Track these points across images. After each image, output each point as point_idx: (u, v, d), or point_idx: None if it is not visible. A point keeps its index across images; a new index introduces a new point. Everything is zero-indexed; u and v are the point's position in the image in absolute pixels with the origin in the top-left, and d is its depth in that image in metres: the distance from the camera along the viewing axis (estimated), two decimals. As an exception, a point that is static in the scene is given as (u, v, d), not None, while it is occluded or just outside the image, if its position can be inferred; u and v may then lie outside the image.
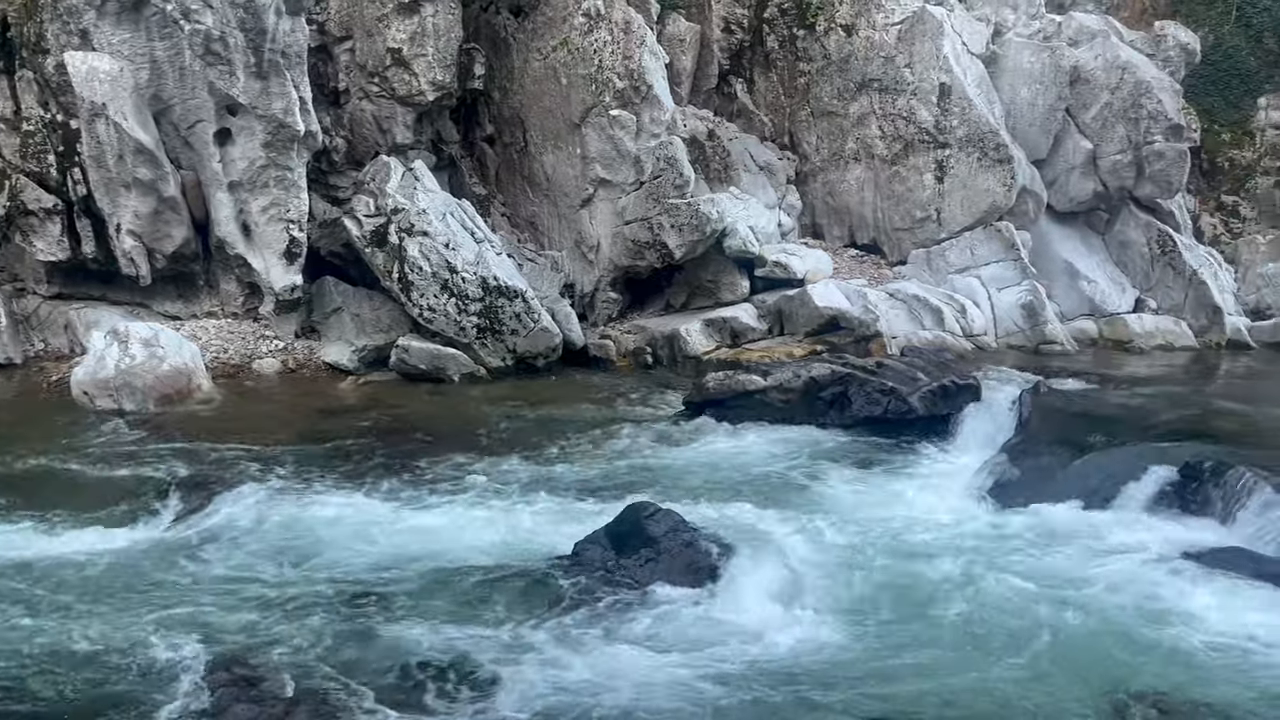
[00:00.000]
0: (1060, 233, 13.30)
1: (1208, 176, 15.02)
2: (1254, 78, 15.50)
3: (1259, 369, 11.71)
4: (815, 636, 5.21)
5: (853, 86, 13.33)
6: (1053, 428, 8.47)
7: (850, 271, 13.06)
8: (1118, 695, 4.69)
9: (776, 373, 9.80)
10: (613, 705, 4.55)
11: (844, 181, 13.56)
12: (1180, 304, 12.89)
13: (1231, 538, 6.52)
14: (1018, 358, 11.60)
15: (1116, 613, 5.51)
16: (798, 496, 7.41)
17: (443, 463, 7.98)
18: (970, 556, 6.29)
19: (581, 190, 12.50)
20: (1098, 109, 12.78)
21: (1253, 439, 8.21)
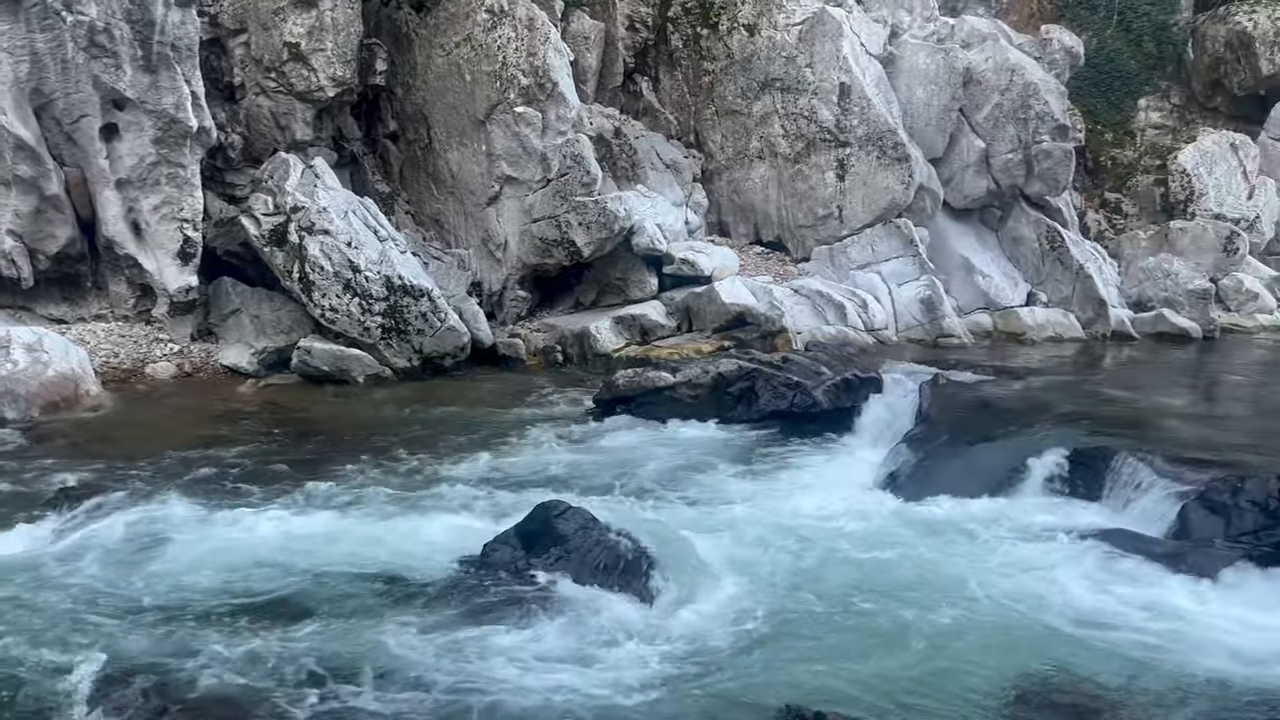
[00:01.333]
0: (956, 229, 13.73)
1: (1092, 175, 15.70)
2: (1134, 80, 16.27)
3: (1141, 359, 12.28)
4: (723, 629, 5.27)
5: (756, 86, 13.52)
6: (950, 418, 8.74)
7: (756, 268, 13.25)
8: (1013, 675, 4.87)
9: (685, 369, 9.91)
10: (518, 706, 4.53)
11: (749, 180, 13.74)
12: (1069, 297, 13.43)
13: (1118, 520, 6.82)
14: (917, 351, 11.93)
15: (1010, 596, 5.72)
16: (706, 491, 7.49)
17: (347, 466, 7.82)
18: (872, 545, 6.45)
19: (488, 188, 12.40)
20: (989, 109, 13.24)
21: (1137, 425, 8.61)
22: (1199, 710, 4.63)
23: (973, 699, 4.67)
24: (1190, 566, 5.95)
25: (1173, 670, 4.97)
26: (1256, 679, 4.89)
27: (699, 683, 4.76)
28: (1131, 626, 5.41)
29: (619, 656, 4.96)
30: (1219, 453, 7.48)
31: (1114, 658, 5.09)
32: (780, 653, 5.05)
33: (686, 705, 4.58)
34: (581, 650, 5.02)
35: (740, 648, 5.09)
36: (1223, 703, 4.70)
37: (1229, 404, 10.24)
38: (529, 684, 4.69)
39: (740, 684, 4.74)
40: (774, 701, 4.47)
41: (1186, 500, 6.54)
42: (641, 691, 4.67)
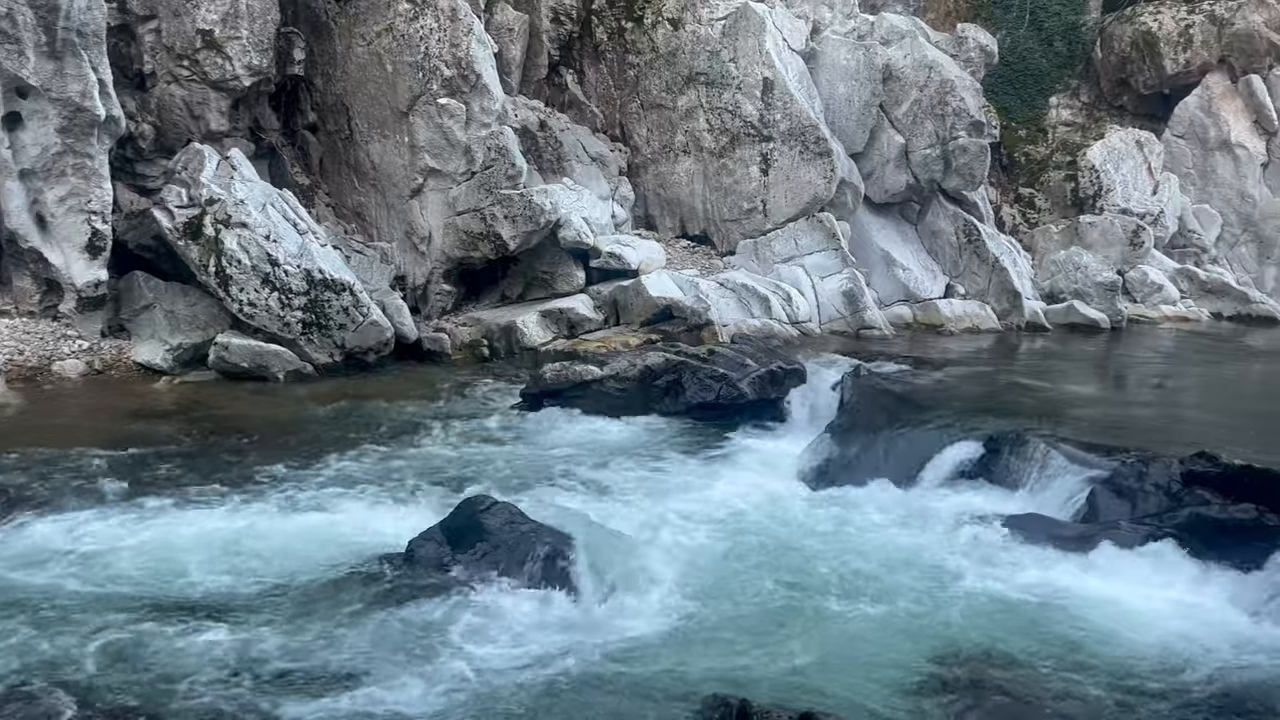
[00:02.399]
0: (877, 223, 13.99)
1: (1007, 170, 16.14)
2: (1046, 78, 16.77)
3: (1053, 349, 12.69)
4: (648, 620, 5.32)
5: (680, 80, 13.58)
6: (872, 408, 8.92)
7: (682, 262, 13.32)
8: (929, 656, 5.00)
9: (613, 362, 9.93)
10: (445, 701, 4.50)
11: (674, 173, 13.80)
12: (985, 289, 13.80)
13: (1030, 504, 7.06)
14: (840, 343, 12.14)
15: (927, 579, 5.88)
16: (634, 484, 7.52)
17: (268, 464, 7.66)
18: (795, 534, 6.57)
19: (411, 180, 12.24)
20: (908, 105, 13.51)
21: (1049, 413, 8.91)
22: (1104, 685, 4.82)
23: (891, 680, 4.79)
24: (1099, 548, 6.18)
25: (1082, 647, 5.17)
26: (1160, 654, 5.11)
27: (624, 673, 4.79)
28: (1042, 607, 5.60)
29: (544, 649, 4.96)
30: (1125, 438, 7.79)
31: (1025, 637, 5.27)
32: (704, 642, 5.11)
33: (611, 696, 4.60)
34: (506, 644, 5.01)
35: (664, 638, 5.14)
36: (1124, 677, 4.90)
37: (1135, 392, 10.65)
38: (453, 679, 4.67)
39: (665, 674, 4.79)
40: (698, 690, 4.52)
41: (1095, 485, 6.81)
42: (567, 683, 4.68)
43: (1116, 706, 4.66)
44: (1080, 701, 4.69)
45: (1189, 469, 6.48)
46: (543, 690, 4.62)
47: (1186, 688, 4.82)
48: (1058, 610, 5.59)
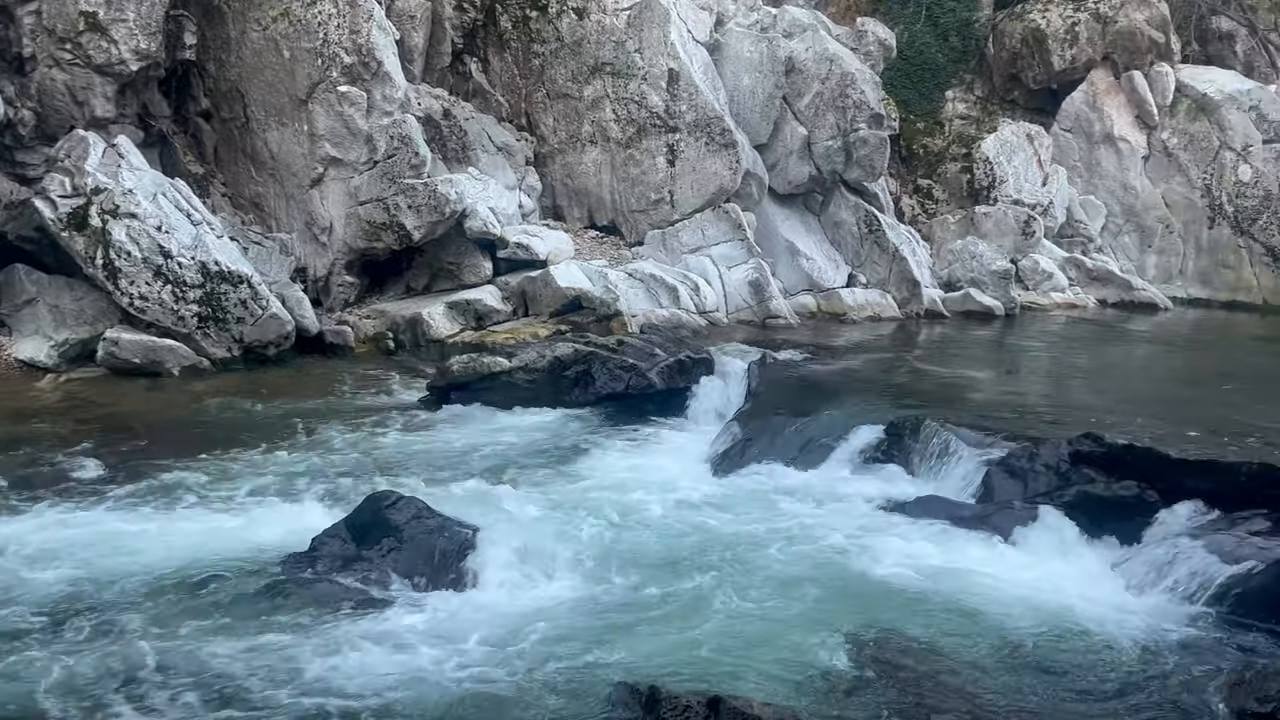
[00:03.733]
0: (782, 214, 14.19)
1: (906, 162, 16.55)
2: (942, 73, 17.23)
3: (951, 336, 13.09)
4: (556, 611, 5.32)
5: (586, 70, 13.54)
6: (778, 396, 9.09)
7: (591, 252, 13.31)
8: (835, 636, 5.12)
9: (521, 354, 9.87)
10: (351, 701, 4.43)
11: (581, 164, 13.76)
12: (885, 278, 14.13)
13: (930, 486, 7.29)
14: (747, 332, 12.30)
15: (833, 561, 6.02)
16: (543, 475, 7.51)
17: (162, 464, 7.39)
18: (703, 520, 6.66)
19: (311, 169, 11.93)
20: (810, 98, 13.73)
21: (947, 398, 9.20)
22: (1001, 656, 5.01)
23: (798, 662, 4.89)
24: (993, 527, 6.42)
25: (980, 621, 5.36)
26: (1052, 624, 5.34)
27: (532, 665, 4.78)
28: (942, 585, 5.79)
29: (451, 644, 4.92)
30: (1019, 421, 8.10)
31: (927, 615, 5.44)
32: (613, 631, 5.13)
33: (520, 688, 4.59)
34: (413, 639, 4.96)
35: (573, 628, 5.15)
36: (1019, 648, 5.10)
37: (1028, 376, 11.06)
38: (358, 675, 4.60)
39: (574, 664, 4.80)
40: (607, 679, 4.55)
41: (990, 466, 7.06)
42: (474, 677, 4.65)
43: (1012, 676, 4.86)
44: (980, 672, 4.86)
45: (1076, 449, 6.77)
46: (449, 685, 4.58)
47: (1075, 655, 5.05)
48: (957, 587, 5.78)
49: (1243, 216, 15.81)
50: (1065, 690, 4.73)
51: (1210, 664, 4.96)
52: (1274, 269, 15.69)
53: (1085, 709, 4.57)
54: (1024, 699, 4.64)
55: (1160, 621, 5.38)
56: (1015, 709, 4.53)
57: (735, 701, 3.94)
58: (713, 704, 3.97)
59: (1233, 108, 16.01)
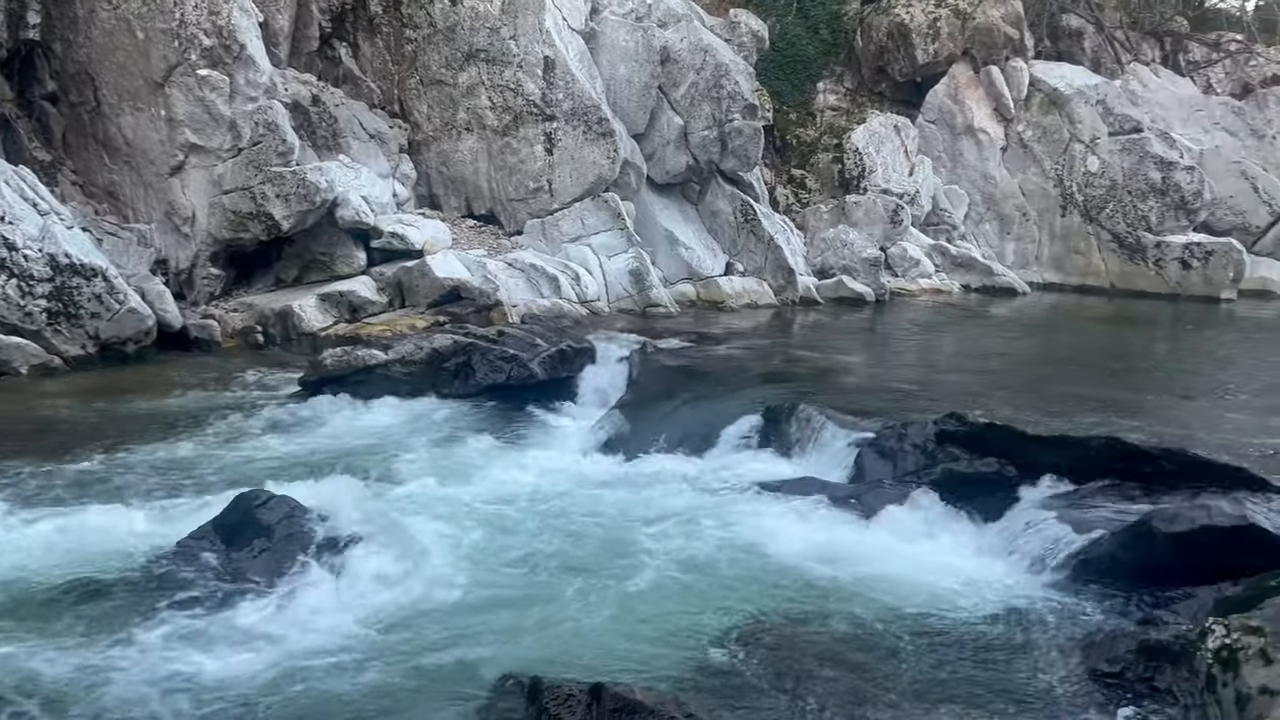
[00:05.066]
0: (660, 203, 14.31)
1: (780, 152, 16.90)
2: (813, 64, 17.65)
3: (825, 321, 13.44)
4: (437, 605, 5.24)
5: (460, 56, 13.33)
6: (659, 383, 9.17)
7: (469, 242, 13.13)
8: (716, 621, 5.21)
9: (398, 346, 9.69)
10: (217, 705, 4.27)
11: (458, 151, 13.56)
12: (762, 266, 14.42)
13: (805, 468, 7.47)
14: (628, 321, 12.36)
15: (713, 546, 6.10)
16: (422, 469, 7.38)
17: (14, 466, 6.95)
18: (585, 509, 6.66)
19: (170, 156, 11.40)
20: (686, 88, 13.86)
21: (821, 382, 9.45)
22: (876, 631, 5.18)
23: (680, 646, 4.95)
24: (865, 505, 6.63)
25: (856, 598, 5.52)
26: (922, 598, 5.55)
27: (412, 661, 4.70)
28: (819, 563, 5.94)
29: (329, 642, 4.79)
30: (889, 402, 8.38)
31: (805, 593, 5.58)
32: (496, 623, 5.09)
33: (400, 686, 4.51)
34: (287, 639, 4.80)
35: (455, 622, 5.08)
36: (893, 622, 5.29)
37: (897, 359, 11.46)
38: (227, 679, 4.43)
39: (456, 658, 4.74)
40: (489, 673, 4.51)
41: (861, 447, 7.28)
42: (351, 676, 4.54)
43: (885, 649, 5.02)
44: (854, 647, 5.01)
45: (941, 428, 7.04)
46: (326, 687, 4.46)
47: (943, 626, 5.26)
48: (831, 565, 5.94)
49: (1091, 205, 16.75)
50: (933, 659, 4.93)
51: (1065, 629, 5.24)
52: (1120, 254, 16.68)
53: (951, 676, 4.77)
54: (895, 670, 4.81)
55: (1020, 591, 5.66)
56: (887, 680, 4.70)
57: (617, 688, 3.97)
58: (595, 692, 3.98)
59: (1081, 102, 16.92)
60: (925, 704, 4.50)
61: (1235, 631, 4.34)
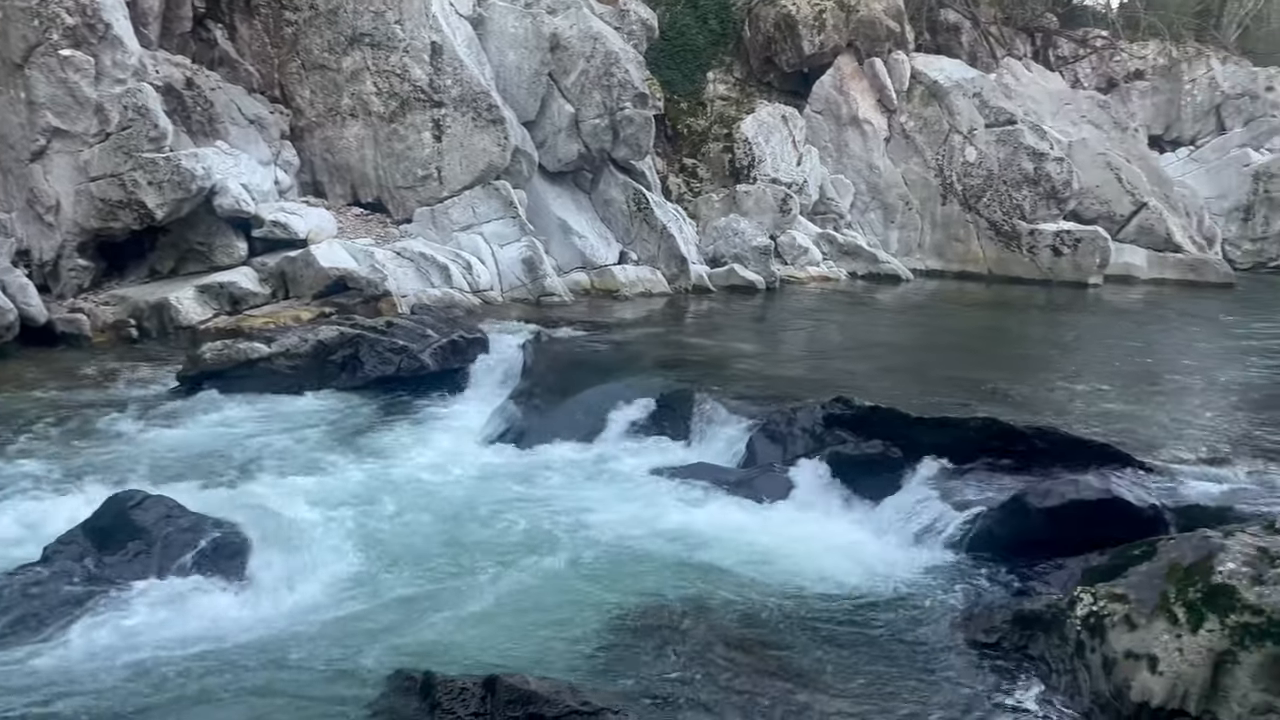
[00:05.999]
0: (553, 191, 14.22)
1: (672, 141, 17.00)
2: (703, 54, 17.79)
3: (717, 309, 13.60)
4: (327, 603, 5.12)
5: (344, 40, 12.97)
6: (553, 373, 9.13)
7: (356, 231, 12.81)
8: (612, 608, 5.22)
9: (282, 338, 9.40)
10: (90, 717, 4.08)
11: (343, 138, 13.20)
12: (655, 255, 14.48)
13: (698, 454, 7.56)
14: (522, 310, 12.26)
15: (608, 534, 6.12)
16: (310, 465, 7.18)
17: None
18: (480, 500, 6.60)
19: (31, 141, 10.76)
20: (576, 75, 13.80)
21: (714, 368, 9.55)
22: (770, 610, 5.27)
23: (578, 635, 4.95)
24: (756, 489, 6.76)
25: (750, 581, 5.62)
26: (810, 577, 5.68)
27: (303, 661, 4.58)
28: (711, 547, 6.03)
29: (210, 646, 4.63)
30: (779, 388, 8.53)
31: (698, 577, 5.64)
32: (387, 619, 5.00)
33: (288, 686, 4.39)
34: (168, 644, 4.62)
35: (344, 619, 4.97)
36: (785, 601, 5.40)
37: (787, 345, 11.67)
38: (101, 689, 4.24)
39: (346, 656, 4.64)
40: (381, 670, 4.43)
41: (752, 432, 7.40)
42: (237, 678, 4.40)
43: (777, 629, 5.11)
44: (748, 628, 5.08)
45: (829, 412, 7.21)
46: (206, 692, 4.31)
47: (832, 605, 5.40)
48: (724, 549, 6.03)
49: (970, 194, 17.37)
50: (823, 637, 5.05)
51: (947, 602, 5.44)
52: (996, 242, 17.35)
53: (840, 653, 4.90)
54: (786, 648, 4.92)
55: (905, 567, 5.85)
56: (778, 658, 4.80)
57: (511, 679, 3.94)
58: (489, 684, 3.95)
59: (959, 94, 17.51)
60: (815, 679, 4.62)
61: (1102, 599, 4.58)
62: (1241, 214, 21.21)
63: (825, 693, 4.51)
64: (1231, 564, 4.33)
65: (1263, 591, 4.18)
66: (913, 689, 4.56)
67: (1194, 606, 4.25)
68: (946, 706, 4.43)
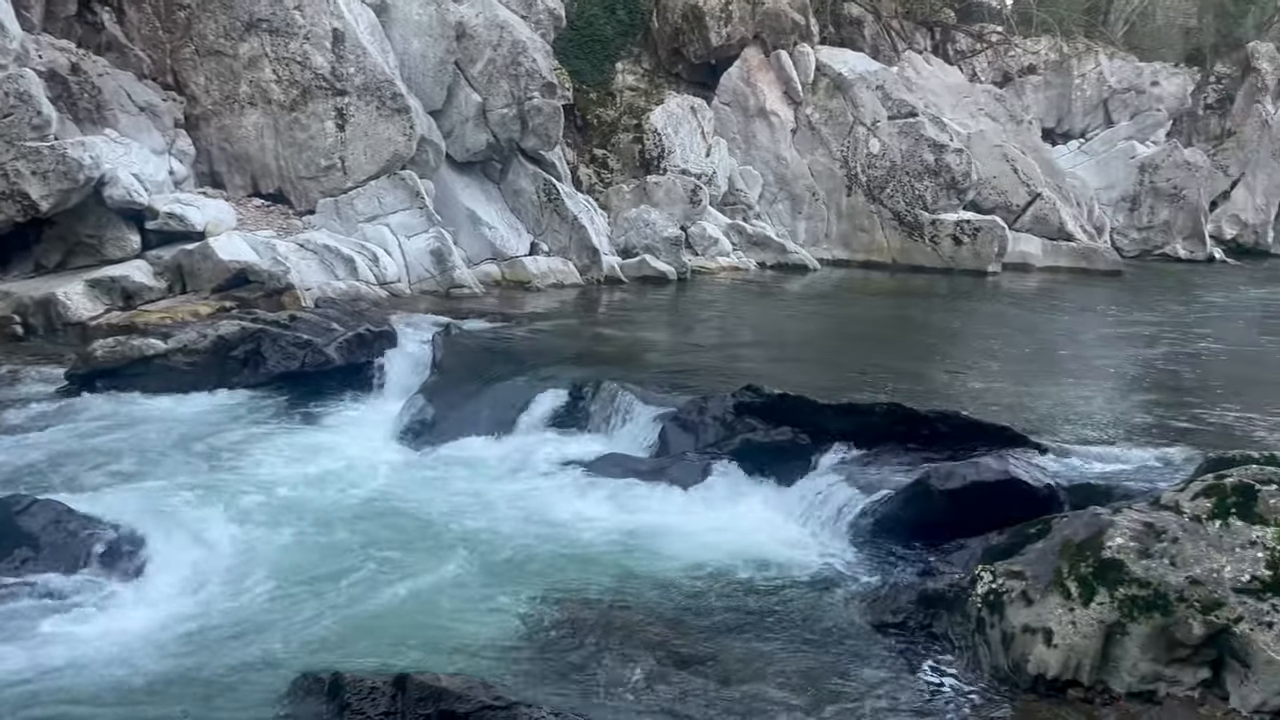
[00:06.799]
0: (461, 181, 14.04)
1: (581, 132, 16.94)
2: (611, 44, 17.76)
3: (630, 300, 13.62)
4: (230, 605, 4.98)
5: (240, 25, 12.55)
6: (464, 366, 9.02)
7: (257, 222, 12.44)
8: (524, 600, 5.20)
9: (179, 334, 9.09)
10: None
11: (241, 127, 12.79)
12: (567, 246, 14.43)
13: (612, 445, 7.56)
14: (431, 302, 12.09)
15: (520, 526, 6.10)
16: (210, 464, 6.97)
17: None
18: (389, 496, 6.49)
19: (-100, 129, 10.15)
20: (483, 64, 13.63)
21: (627, 359, 9.58)
22: (683, 598, 5.32)
23: (490, 631, 4.91)
24: (669, 478, 6.79)
25: (663, 570, 5.65)
26: (725, 562, 5.75)
27: (203, 666, 4.44)
28: (624, 537, 6.06)
29: (105, 654, 4.45)
30: (691, 377, 8.60)
31: (611, 568, 5.66)
32: (294, 620, 4.88)
33: (191, 692, 4.25)
34: (55, 654, 4.42)
35: (249, 622, 4.84)
36: (697, 585, 5.45)
37: (698, 335, 11.76)
38: (37, 692, 4.04)
39: (251, 658, 4.51)
40: (288, 671, 4.32)
41: (664, 422, 7.44)
42: (136, 685, 4.24)
43: (691, 616, 5.16)
44: (660, 617, 5.12)
45: (739, 400, 7.29)
46: (102, 703, 4.14)
47: (744, 589, 5.47)
48: (637, 539, 6.06)
49: (874, 185, 17.75)
50: (735, 621, 5.11)
51: (855, 584, 5.57)
52: (900, 231, 17.77)
53: (752, 637, 4.97)
54: (699, 635, 4.96)
55: (815, 551, 5.96)
56: (691, 645, 4.84)
57: (422, 677, 3.88)
58: (399, 682, 3.89)
59: (863, 87, 17.86)
60: (726, 665, 4.67)
61: (1000, 577, 4.74)
62: (1128, 204, 22.18)
63: (736, 678, 4.56)
64: (1120, 539, 4.53)
65: (1149, 565, 4.39)
66: (821, 672, 4.65)
67: (1085, 581, 4.43)
68: (853, 687, 4.53)
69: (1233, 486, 4.59)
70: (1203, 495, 4.63)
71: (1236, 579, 4.21)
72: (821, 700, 4.39)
